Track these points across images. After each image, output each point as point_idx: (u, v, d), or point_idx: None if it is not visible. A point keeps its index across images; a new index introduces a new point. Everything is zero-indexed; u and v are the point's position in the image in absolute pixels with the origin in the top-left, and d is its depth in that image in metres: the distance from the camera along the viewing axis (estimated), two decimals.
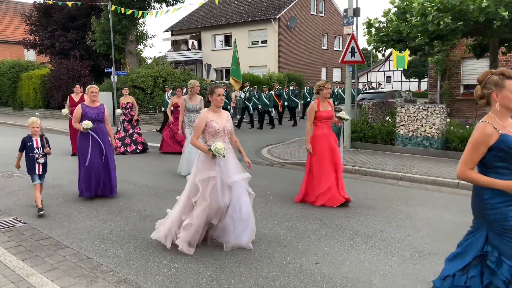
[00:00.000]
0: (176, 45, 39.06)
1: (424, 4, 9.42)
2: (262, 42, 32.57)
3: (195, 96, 8.36)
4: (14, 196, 6.88)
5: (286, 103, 18.75)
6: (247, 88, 18.46)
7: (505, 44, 10.87)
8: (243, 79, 24.23)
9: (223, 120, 4.69)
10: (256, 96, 17.73)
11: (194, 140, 4.64)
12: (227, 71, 34.61)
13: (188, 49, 36.90)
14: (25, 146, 5.88)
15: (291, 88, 18.93)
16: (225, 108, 17.37)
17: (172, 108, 11.25)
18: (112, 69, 19.45)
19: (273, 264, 4.22)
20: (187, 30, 36.74)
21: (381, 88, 20.65)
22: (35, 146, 5.89)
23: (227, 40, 34.91)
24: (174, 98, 11.47)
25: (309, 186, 6.41)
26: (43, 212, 5.82)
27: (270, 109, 17.51)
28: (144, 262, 4.30)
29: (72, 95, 11.13)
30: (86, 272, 4.07)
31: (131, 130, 11.56)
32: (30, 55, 34.42)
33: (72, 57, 23.82)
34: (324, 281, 3.85)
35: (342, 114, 6.71)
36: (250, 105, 17.74)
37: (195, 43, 37.74)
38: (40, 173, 5.97)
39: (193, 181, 4.58)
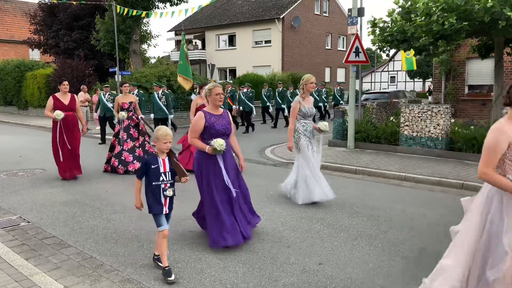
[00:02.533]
0: (179, 44, 39.10)
1: (429, 4, 9.38)
2: (266, 42, 32.57)
3: (309, 96, 6.44)
4: (18, 195, 6.90)
5: (241, 107, 16.25)
6: (197, 90, 15.69)
7: (510, 44, 10.81)
8: (247, 78, 24.27)
9: None
10: None
11: (489, 172, 2.82)
12: (231, 70, 34.68)
13: (194, 48, 36.93)
14: (148, 170, 3.94)
15: (244, 90, 16.55)
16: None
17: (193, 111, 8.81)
18: (116, 69, 19.49)
19: (276, 264, 4.21)
20: (191, 30, 36.77)
21: (340, 89, 20.44)
22: (162, 170, 3.94)
23: (231, 40, 34.97)
24: (198, 99, 8.64)
25: None
26: (173, 277, 3.86)
27: None
28: (148, 261, 4.30)
29: (57, 94, 8.13)
30: (90, 271, 4.07)
31: (141, 138, 8.95)
32: (35, 54, 34.53)
33: (77, 56, 23.89)
34: (328, 281, 3.83)
35: None
36: None
37: (198, 43, 37.78)
38: (168, 211, 3.99)
39: (479, 225, 2.95)
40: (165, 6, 23.24)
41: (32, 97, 24.41)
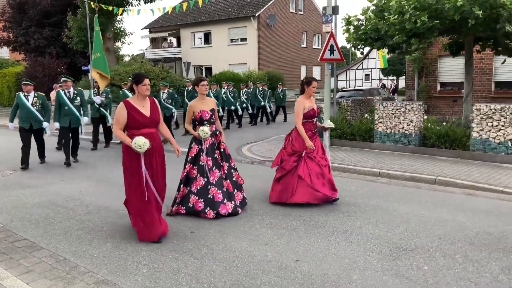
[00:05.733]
0: (154, 42, 38.69)
1: (402, 3, 9.54)
2: (242, 39, 32.52)
3: None
4: None
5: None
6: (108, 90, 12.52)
7: (480, 43, 11.11)
8: (223, 76, 24.15)
9: None
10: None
11: None
12: (207, 68, 34.49)
13: (169, 46, 36.56)
14: None
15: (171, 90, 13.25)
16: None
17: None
18: (90, 67, 19.07)
19: (253, 262, 4.21)
20: (165, 28, 36.41)
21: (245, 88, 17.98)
22: None
23: (207, 38, 34.78)
24: (305, 100, 6.22)
25: None
26: None
27: None
28: (123, 262, 4.23)
29: (132, 100, 4.77)
30: (63, 273, 3.98)
31: (225, 165, 5.91)
32: (4, 52, 33.55)
33: (48, 54, 23.36)
34: (305, 278, 3.86)
35: None
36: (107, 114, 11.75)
37: (173, 40, 37.44)
38: None
39: None
40: (139, 3, 22.93)
41: (1, 96, 23.77)
